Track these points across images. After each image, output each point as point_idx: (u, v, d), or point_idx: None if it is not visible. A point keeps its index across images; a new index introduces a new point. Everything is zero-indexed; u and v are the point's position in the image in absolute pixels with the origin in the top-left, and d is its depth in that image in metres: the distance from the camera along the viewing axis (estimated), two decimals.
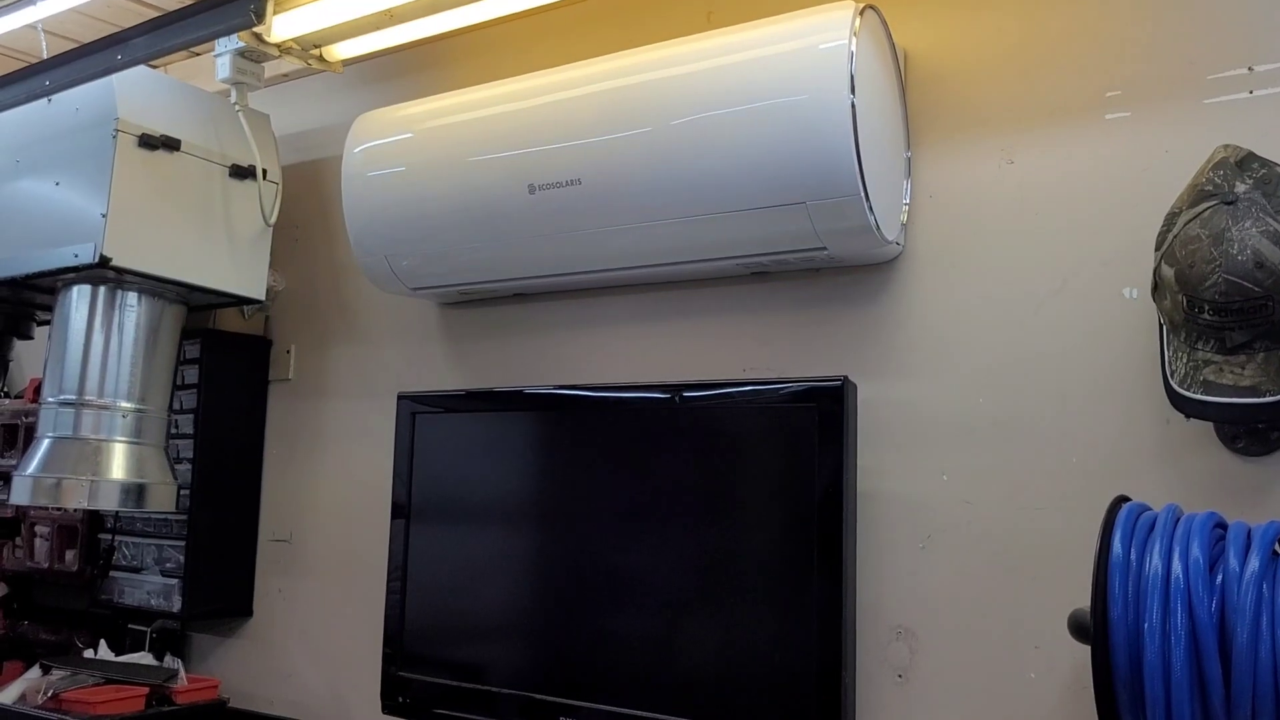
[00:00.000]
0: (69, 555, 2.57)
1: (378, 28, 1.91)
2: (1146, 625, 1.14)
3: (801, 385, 1.60)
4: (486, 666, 1.85)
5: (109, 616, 2.54)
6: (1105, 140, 1.55)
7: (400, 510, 2.00)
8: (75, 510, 2.55)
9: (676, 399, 1.71)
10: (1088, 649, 1.42)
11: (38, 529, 2.61)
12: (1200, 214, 1.30)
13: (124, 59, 1.79)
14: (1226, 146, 1.36)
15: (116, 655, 2.32)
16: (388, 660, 1.97)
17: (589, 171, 1.73)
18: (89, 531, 2.53)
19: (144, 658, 2.32)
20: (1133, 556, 1.19)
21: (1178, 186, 1.42)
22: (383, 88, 2.38)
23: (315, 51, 2.04)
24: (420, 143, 1.93)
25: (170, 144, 2.08)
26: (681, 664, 1.64)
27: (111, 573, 2.45)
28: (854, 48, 1.51)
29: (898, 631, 1.63)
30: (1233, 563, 1.14)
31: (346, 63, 2.13)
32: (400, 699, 1.96)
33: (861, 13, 1.55)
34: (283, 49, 2.00)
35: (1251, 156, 1.33)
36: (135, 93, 2.05)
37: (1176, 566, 1.15)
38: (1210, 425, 1.43)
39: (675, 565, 1.67)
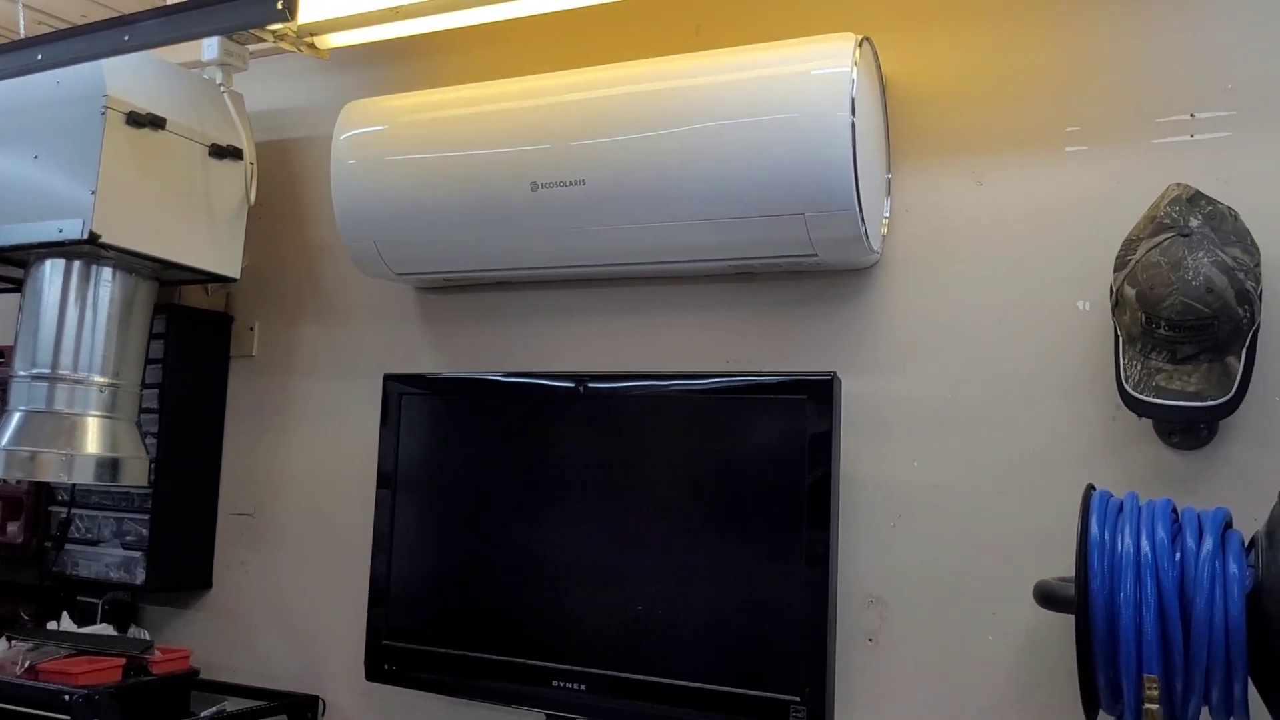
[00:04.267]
0: (11, 527, 2.55)
1: (381, 22, 1.97)
2: (1121, 596, 1.35)
3: (794, 378, 1.76)
4: (474, 636, 1.96)
5: (52, 589, 2.54)
6: (1065, 169, 1.76)
7: (386, 482, 2.08)
8: (18, 482, 2.54)
9: (682, 387, 1.86)
10: (1041, 614, 1.65)
11: None
12: (1160, 243, 1.52)
13: (132, 41, 1.80)
14: (1179, 185, 1.58)
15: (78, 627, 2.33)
16: (373, 630, 2.06)
17: (594, 172, 1.84)
18: (36, 504, 2.52)
19: (105, 629, 2.33)
20: (1106, 537, 1.39)
21: (1128, 213, 1.64)
22: (355, 73, 2.43)
23: (309, 39, 2.08)
24: (420, 134, 2.01)
25: (156, 122, 2.09)
26: (678, 630, 1.79)
27: (65, 545, 2.45)
28: (854, 75, 1.68)
29: (869, 600, 1.82)
30: (1190, 542, 1.36)
31: (335, 51, 2.18)
32: (386, 666, 2.05)
33: (860, 43, 1.71)
34: (278, 36, 2.04)
35: (1199, 194, 1.56)
36: (122, 70, 2.06)
37: (1145, 545, 1.36)
38: (1150, 422, 1.66)
39: (674, 539, 1.81)
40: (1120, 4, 1.74)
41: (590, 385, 1.92)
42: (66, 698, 1.82)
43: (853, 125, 1.67)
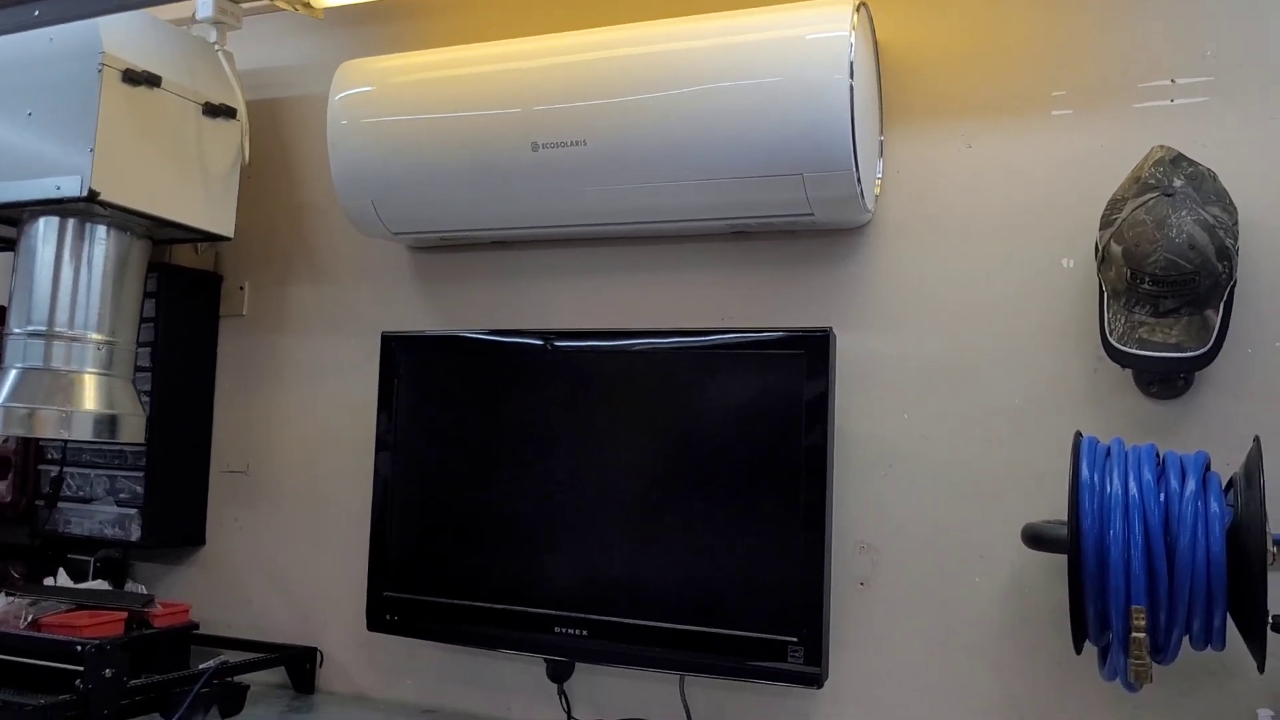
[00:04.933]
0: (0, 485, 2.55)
1: None
2: (1111, 533, 1.43)
3: (791, 334, 1.83)
4: (476, 586, 2.01)
5: (43, 547, 2.55)
6: (1051, 132, 1.83)
7: (384, 436, 2.12)
8: (6, 440, 2.54)
9: (692, 340, 1.91)
10: (1025, 556, 1.74)
11: None
12: (1145, 203, 1.60)
13: None
14: (1162, 147, 1.65)
15: (74, 583, 2.35)
16: (374, 581, 2.11)
17: (596, 133, 1.88)
18: (24, 462, 2.52)
19: (101, 585, 2.36)
20: (1096, 480, 1.48)
21: (1111, 174, 1.72)
22: (348, 32, 2.44)
23: None
24: (419, 94, 2.03)
25: (152, 80, 2.09)
26: (680, 577, 1.86)
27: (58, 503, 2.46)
28: (852, 39, 1.73)
29: (860, 546, 1.90)
30: (1174, 484, 1.45)
31: (328, 9, 2.19)
32: (388, 617, 2.10)
33: (858, 8, 1.77)
34: None
35: (1181, 156, 1.64)
36: (118, 27, 2.06)
37: (1133, 487, 1.45)
38: (1129, 373, 1.75)
39: (675, 489, 1.87)
40: None
41: (571, 342, 1.97)
42: (79, 648, 1.85)
43: (851, 88, 1.73)
